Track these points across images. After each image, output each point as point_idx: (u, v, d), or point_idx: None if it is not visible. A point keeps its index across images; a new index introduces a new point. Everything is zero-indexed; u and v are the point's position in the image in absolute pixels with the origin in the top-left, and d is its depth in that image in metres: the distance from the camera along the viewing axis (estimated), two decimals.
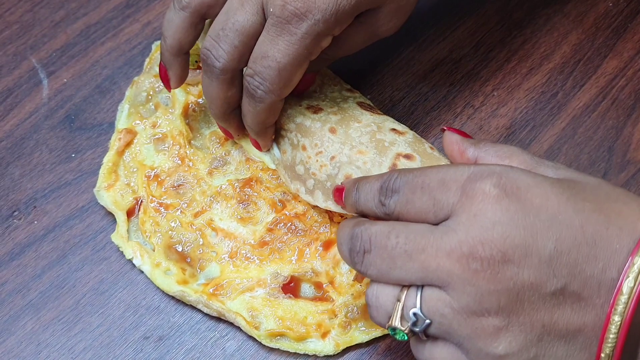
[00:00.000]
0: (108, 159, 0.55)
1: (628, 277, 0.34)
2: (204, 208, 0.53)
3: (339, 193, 0.45)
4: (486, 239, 0.35)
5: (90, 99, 0.60)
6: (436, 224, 0.38)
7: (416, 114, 0.58)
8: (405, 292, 0.38)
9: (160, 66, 0.52)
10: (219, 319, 0.50)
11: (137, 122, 0.56)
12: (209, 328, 0.50)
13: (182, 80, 0.52)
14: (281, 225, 0.52)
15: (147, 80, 0.58)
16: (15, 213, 0.55)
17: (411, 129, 0.54)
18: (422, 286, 0.37)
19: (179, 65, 0.51)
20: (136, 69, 0.61)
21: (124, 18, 0.63)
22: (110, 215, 0.54)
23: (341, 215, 0.51)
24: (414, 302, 0.37)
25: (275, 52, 0.45)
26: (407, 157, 0.46)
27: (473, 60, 0.60)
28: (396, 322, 0.38)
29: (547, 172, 0.39)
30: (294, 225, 0.52)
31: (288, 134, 0.52)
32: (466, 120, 0.57)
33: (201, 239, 0.52)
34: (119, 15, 0.63)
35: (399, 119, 0.57)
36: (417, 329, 0.37)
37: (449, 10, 0.62)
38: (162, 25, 0.50)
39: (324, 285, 0.50)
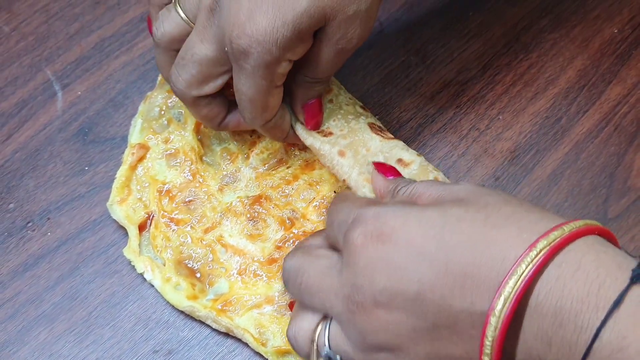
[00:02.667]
0: (121, 173, 0.56)
1: (494, 313, 0.34)
2: (214, 224, 0.54)
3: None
4: (357, 285, 0.38)
5: (104, 113, 0.61)
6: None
7: (423, 135, 0.59)
8: (317, 330, 0.41)
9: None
10: (227, 335, 0.51)
11: (150, 136, 0.58)
12: (217, 343, 0.51)
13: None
14: (289, 243, 0.53)
15: (160, 95, 0.59)
16: (30, 224, 0.56)
17: (418, 150, 0.55)
18: (330, 323, 0.41)
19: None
20: (149, 84, 0.62)
21: (138, 32, 0.64)
22: (122, 228, 0.55)
23: None
24: (323, 341, 0.41)
25: (241, 87, 0.48)
26: None
27: (480, 83, 0.61)
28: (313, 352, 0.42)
29: (426, 199, 0.41)
30: None
31: None
32: (471, 143, 0.58)
33: (211, 255, 0.53)
34: (133, 29, 0.65)
35: (406, 141, 0.58)
36: (326, 353, 0.41)
37: (458, 31, 0.63)
38: None
39: None
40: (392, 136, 0.54)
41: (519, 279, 0.34)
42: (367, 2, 0.47)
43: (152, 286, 0.53)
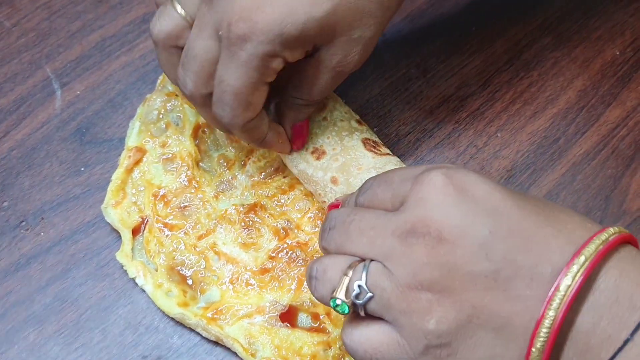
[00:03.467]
0: (117, 176, 0.56)
1: (567, 275, 0.36)
2: (208, 231, 0.54)
3: (331, 208, 0.47)
4: (426, 218, 0.38)
5: (102, 113, 0.61)
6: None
7: (420, 149, 0.59)
8: (353, 267, 0.40)
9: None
10: (216, 343, 0.51)
11: (148, 140, 0.58)
12: (206, 351, 0.51)
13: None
14: (283, 253, 0.53)
15: (159, 98, 0.59)
16: (23, 223, 0.56)
17: (415, 163, 0.55)
18: (370, 263, 0.39)
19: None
20: (149, 86, 0.62)
21: (140, 33, 0.64)
22: (116, 231, 0.55)
23: None
24: (359, 276, 0.39)
25: (228, 77, 0.46)
26: None
27: (479, 100, 0.61)
28: (340, 294, 0.40)
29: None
30: (296, 254, 0.53)
31: None
32: (469, 160, 0.58)
33: (204, 262, 0.53)
34: (135, 29, 0.64)
35: (404, 154, 0.58)
36: (360, 302, 0.39)
37: (460, 47, 0.63)
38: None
39: (320, 317, 0.51)
40: (387, 151, 0.54)
41: (587, 258, 0.36)
42: (371, 30, 0.48)
43: (144, 291, 0.53)
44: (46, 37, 0.64)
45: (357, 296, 0.39)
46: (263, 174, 0.56)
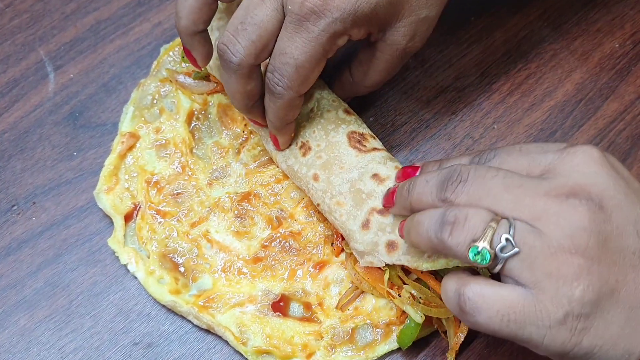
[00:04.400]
0: (110, 161, 0.55)
1: None
2: (201, 219, 0.54)
3: (390, 196, 0.46)
4: (587, 184, 0.38)
5: (96, 97, 0.60)
6: None
7: (417, 140, 0.58)
8: (499, 220, 0.39)
9: (184, 48, 0.51)
10: (207, 331, 0.51)
11: (141, 125, 0.57)
12: (197, 339, 0.51)
13: (208, 57, 0.52)
14: (276, 242, 0.53)
15: (153, 83, 0.58)
16: (14, 208, 0.56)
17: (410, 156, 0.55)
18: (515, 221, 0.38)
19: (200, 44, 0.51)
20: (143, 70, 0.61)
21: (135, 16, 0.63)
22: (108, 217, 0.55)
23: (341, 240, 0.52)
24: (506, 229, 0.38)
25: (292, 50, 0.46)
26: (381, 212, 0.48)
27: (477, 91, 0.60)
28: (485, 244, 0.38)
29: None
30: (289, 243, 0.53)
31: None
32: (464, 151, 0.58)
33: (196, 250, 0.53)
34: (130, 12, 0.64)
35: (400, 145, 0.58)
36: (504, 255, 0.38)
37: (458, 37, 0.63)
38: (176, 4, 0.49)
39: (312, 306, 0.51)
40: (375, 145, 0.52)
41: None
42: (436, 9, 0.49)
43: (135, 278, 0.53)
44: (40, 19, 0.63)
45: (502, 249, 0.38)
46: (257, 162, 0.56)
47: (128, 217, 0.54)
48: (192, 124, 0.57)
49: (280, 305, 0.51)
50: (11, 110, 0.59)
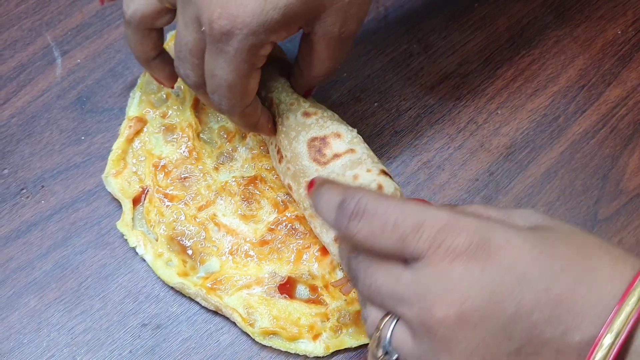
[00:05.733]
0: (117, 145, 0.56)
1: (601, 345, 0.34)
2: (208, 202, 0.55)
3: (309, 187, 0.43)
4: (444, 300, 0.35)
5: (103, 82, 0.61)
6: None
7: (421, 125, 0.59)
8: (384, 321, 0.38)
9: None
10: (215, 313, 0.52)
11: (148, 110, 0.58)
12: (205, 320, 0.52)
13: (172, 78, 0.54)
14: (282, 226, 0.54)
15: None
16: (24, 191, 0.56)
17: (415, 141, 0.55)
18: (398, 319, 0.37)
19: (159, 69, 0.53)
20: None
21: None
22: (116, 201, 0.55)
23: None
24: (386, 335, 0.37)
25: (219, 71, 0.46)
26: None
27: (480, 77, 0.61)
28: (374, 349, 0.38)
29: (517, 221, 0.38)
30: (295, 227, 0.54)
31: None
32: (468, 137, 0.59)
33: (204, 233, 0.54)
34: None
35: (404, 129, 0.59)
36: None
37: (462, 23, 0.63)
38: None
39: (318, 289, 0.52)
40: (335, 151, 0.49)
41: (630, 313, 0.33)
42: None
43: (144, 261, 0.53)
44: (46, 4, 0.64)
45: (386, 353, 0.38)
46: (263, 147, 0.56)
47: (136, 201, 0.55)
48: (199, 109, 0.58)
49: (286, 287, 0.52)
50: (19, 95, 0.60)
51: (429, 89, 0.60)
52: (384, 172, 0.48)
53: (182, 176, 0.56)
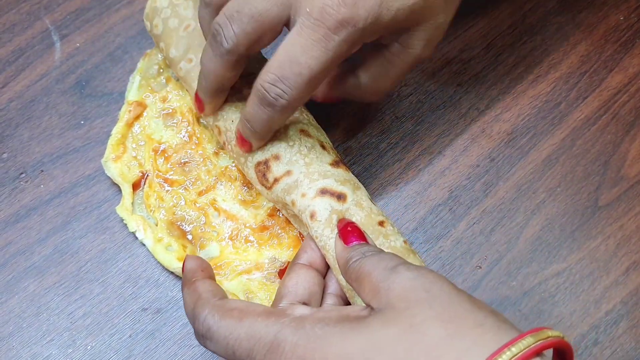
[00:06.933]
0: (117, 130, 0.56)
1: None
2: (208, 187, 0.54)
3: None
4: None
5: (102, 67, 0.60)
6: None
7: (422, 111, 0.59)
8: None
9: (197, 96, 0.50)
10: None
11: (148, 94, 0.57)
12: None
13: (216, 110, 0.51)
14: (282, 211, 0.53)
15: (160, 53, 0.58)
16: (23, 175, 0.56)
17: (417, 126, 0.55)
18: None
19: (219, 102, 0.50)
20: (149, 40, 0.61)
21: None
22: (116, 185, 0.55)
23: None
24: None
25: (308, 59, 0.42)
26: None
27: (482, 63, 0.61)
28: None
29: (402, 281, 0.36)
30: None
31: None
32: (470, 123, 0.58)
33: (203, 218, 0.53)
34: None
35: (405, 115, 0.58)
36: None
37: (463, 9, 0.62)
38: (201, 62, 0.47)
39: None
40: (276, 175, 0.48)
41: None
42: (451, 15, 0.47)
43: (144, 245, 0.53)
44: None
45: None
46: None
47: (136, 186, 0.55)
48: None
49: None
50: (18, 78, 0.59)
51: (431, 75, 0.60)
52: (321, 191, 0.47)
53: (182, 161, 0.55)
